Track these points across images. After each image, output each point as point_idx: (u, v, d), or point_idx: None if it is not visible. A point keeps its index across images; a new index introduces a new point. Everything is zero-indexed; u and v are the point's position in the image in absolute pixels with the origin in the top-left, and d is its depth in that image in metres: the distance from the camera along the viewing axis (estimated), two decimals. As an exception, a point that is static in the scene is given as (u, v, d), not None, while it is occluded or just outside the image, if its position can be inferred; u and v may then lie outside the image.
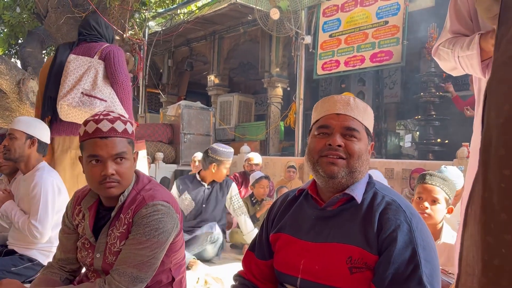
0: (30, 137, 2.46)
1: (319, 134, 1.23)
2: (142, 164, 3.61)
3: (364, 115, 1.24)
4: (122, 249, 1.47)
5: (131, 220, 1.48)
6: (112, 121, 1.47)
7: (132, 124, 1.56)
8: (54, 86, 2.78)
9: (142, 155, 3.61)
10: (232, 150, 3.75)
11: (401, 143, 10.79)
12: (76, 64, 2.76)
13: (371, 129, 1.27)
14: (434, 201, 2.10)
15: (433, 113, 6.91)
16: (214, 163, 3.62)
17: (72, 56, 2.80)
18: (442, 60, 1.66)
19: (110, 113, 1.50)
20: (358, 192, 1.19)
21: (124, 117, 1.54)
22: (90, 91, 2.69)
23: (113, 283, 1.41)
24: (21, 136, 2.44)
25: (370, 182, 1.25)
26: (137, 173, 1.61)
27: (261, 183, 4.52)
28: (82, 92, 2.67)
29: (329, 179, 1.19)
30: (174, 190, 3.79)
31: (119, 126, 1.48)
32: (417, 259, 1.06)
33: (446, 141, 6.80)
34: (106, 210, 1.57)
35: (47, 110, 2.82)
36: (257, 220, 4.41)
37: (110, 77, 2.80)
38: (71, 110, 2.68)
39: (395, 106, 10.27)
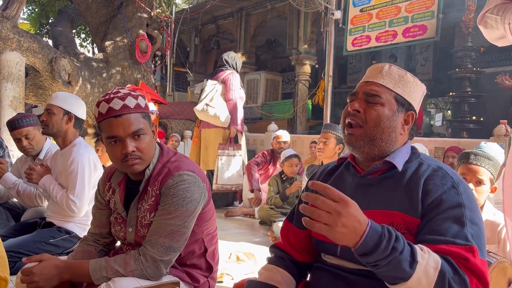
0: (67, 112, 2.49)
1: (348, 102, 1.23)
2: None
3: (398, 82, 1.19)
4: (153, 221, 1.48)
5: (158, 191, 1.49)
6: (123, 98, 1.44)
7: (144, 98, 1.54)
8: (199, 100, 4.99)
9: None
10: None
11: (431, 122, 10.51)
12: (208, 86, 4.90)
13: (410, 98, 1.20)
14: (479, 182, 2.00)
15: (468, 89, 6.66)
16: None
17: (208, 82, 4.97)
18: (489, 28, 1.57)
19: (120, 90, 1.48)
20: (398, 160, 1.16)
21: (135, 92, 1.51)
22: (209, 103, 4.79)
23: (147, 254, 1.44)
24: (59, 111, 2.47)
25: (415, 153, 1.21)
26: (161, 146, 1.61)
27: (291, 161, 4.49)
28: (205, 103, 4.77)
29: (351, 148, 1.19)
30: None
31: (131, 102, 1.45)
32: (464, 219, 1.02)
33: (482, 119, 6.56)
34: (135, 184, 1.59)
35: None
36: (286, 198, 4.41)
37: (225, 95, 4.89)
38: (199, 113, 4.88)
39: (426, 83, 9.75)
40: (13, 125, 2.79)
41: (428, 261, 0.93)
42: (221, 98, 4.85)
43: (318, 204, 0.90)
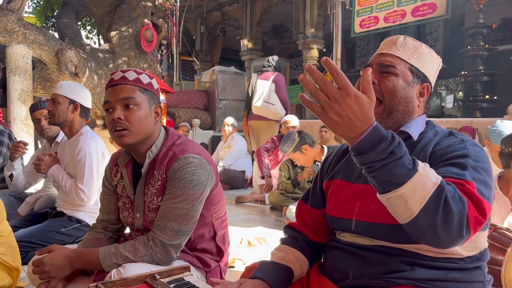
0: (72, 102, 2.47)
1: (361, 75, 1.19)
2: None
3: (413, 54, 1.16)
4: (161, 205, 1.48)
5: (164, 175, 1.48)
6: (124, 71, 1.50)
7: (150, 78, 1.56)
8: (248, 97, 5.84)
9: None
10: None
11: (442, 104, 10.36)
12: (260, 85, 5.61)
13: (426, 70, 1.17)
14: None
15: (481, 67, 6.51)
16: None
17: (259, 81, 5.65)
18: None
19: (130, 68, 1.53)
20: (413, 130, 1.14)
21: (142, 71, 1.55)
22: (267, 100, 5.54)
23: (156, 239, 1.43)
24: (64, 101, 2.45)
25: (430, 124, 1.19)
26: (167, 130, 1.61)
27: None
28: (264, 100, 5.52)
29: None
30: None
31: (131, 75, 1.49)
32: (466, 165, 0.98)
33: (495, 97, 6.43)
34: (140, 168, 1.57)
35: (246, 107, 5.97)
36: (298, 184, 4.37)
37: (278, 93, 5.59)
38: (259, 109, 5.59)
39: (437, 64, 9.81)
40: (35, 106, 2.89)
41: (428, 174, 0.87)
42: (275, 95, 5.64)
43: (319, 84, 0.85)
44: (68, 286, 1.47)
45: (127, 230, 1.76)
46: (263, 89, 5.59)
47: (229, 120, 6.35)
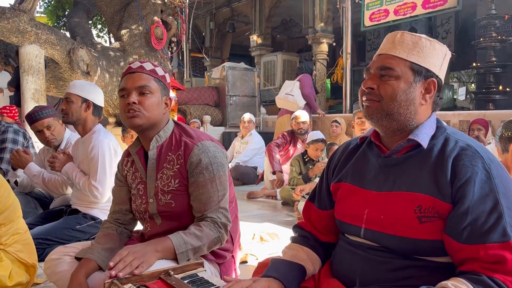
0: (85, 100, 2.51)
1: (364, 77, 1.19)
2: None
3: (412, 50, 1.11)
4: (200, 194, 1.54)
5: (183, 160, 1.56)
6: (142, 62, 1.61)
7: (165, 75, 1.66)
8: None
9: None
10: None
11: (455, 96, 10.24)
12: (286, 83, 6.76)
13: (428, 64, 1.11)
14: None
15: (493, 59, 6.41)
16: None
17: (286, 81, 6.86)
18: None
19: (147, 60, 1.59)
20: (423, 137, 1.09)
21: (157, 64, 1.65)
22: (289, 92, 6.49)
23: (219, 221, 1.53)
24: (77, 99, 2.49)
25: (440, 127, 1.13)
26: (176, 122, 1.70)
27: (317, 145, 4.42)
28: (285, 93, 6.52)
29: (369, 121, 1.15)
30: None
31: (148, 66, 1.59)
32: (500, 208, 0.96)
33: (508, 89, 6.33)
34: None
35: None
36: (309, 180, 4.37)
37: (301, 89, 6.56)
38: (280, 100, 6.61)
39: (448, 56, 9.69)
40: (33, 117, 2.79)
41: None
42: (298, 90, 6.55)
43: None
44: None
45: (138, 227, 1.79)
46: (288, 86, 6.58)
47: (248, 116, 6.33)
